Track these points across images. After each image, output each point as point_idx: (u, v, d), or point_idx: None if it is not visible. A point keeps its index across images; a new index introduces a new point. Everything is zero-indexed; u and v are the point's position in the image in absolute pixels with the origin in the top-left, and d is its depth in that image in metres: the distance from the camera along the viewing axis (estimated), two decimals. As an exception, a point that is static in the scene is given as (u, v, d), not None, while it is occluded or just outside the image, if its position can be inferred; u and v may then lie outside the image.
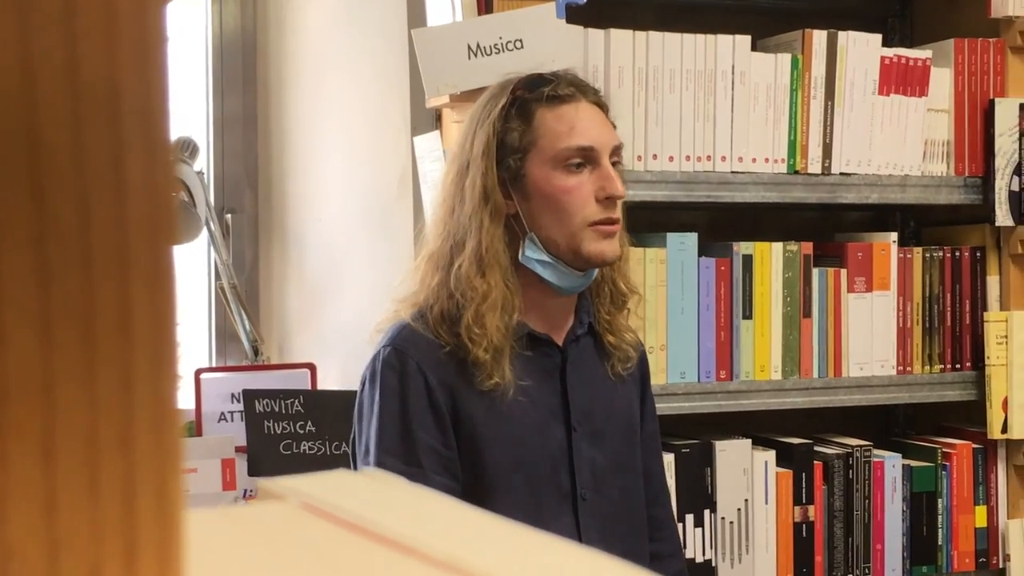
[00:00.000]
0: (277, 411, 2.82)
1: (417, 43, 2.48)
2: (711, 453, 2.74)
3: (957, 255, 2.97)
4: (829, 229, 3.08)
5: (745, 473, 2.77)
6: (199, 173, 3.11)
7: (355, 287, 3.11)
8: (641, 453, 2.17)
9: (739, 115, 2.74)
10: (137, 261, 0.38)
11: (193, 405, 2.95)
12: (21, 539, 0.37)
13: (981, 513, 2.96)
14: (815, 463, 2.83)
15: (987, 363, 2.94)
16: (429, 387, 1.99)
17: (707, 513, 2.74)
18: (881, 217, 3.20)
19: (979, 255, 2.98)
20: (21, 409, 0.37)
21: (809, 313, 2.83)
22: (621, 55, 2.65)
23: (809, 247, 2.84)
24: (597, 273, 2.10)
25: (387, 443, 1.99)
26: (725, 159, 2.73)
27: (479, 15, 2.54)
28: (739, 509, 2.76)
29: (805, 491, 2.82)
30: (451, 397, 2.00)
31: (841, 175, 2.84)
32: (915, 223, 3.19)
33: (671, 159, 2.69)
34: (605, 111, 2.09)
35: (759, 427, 2.90)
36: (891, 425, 3.20)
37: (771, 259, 2.80)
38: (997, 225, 2.94)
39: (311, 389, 2.96)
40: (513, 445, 2.01)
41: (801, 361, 2.82)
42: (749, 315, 2.78)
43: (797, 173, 2.81)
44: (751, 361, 2.78)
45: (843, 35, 2.83)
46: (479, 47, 2.46)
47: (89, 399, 0.38)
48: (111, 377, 0.38)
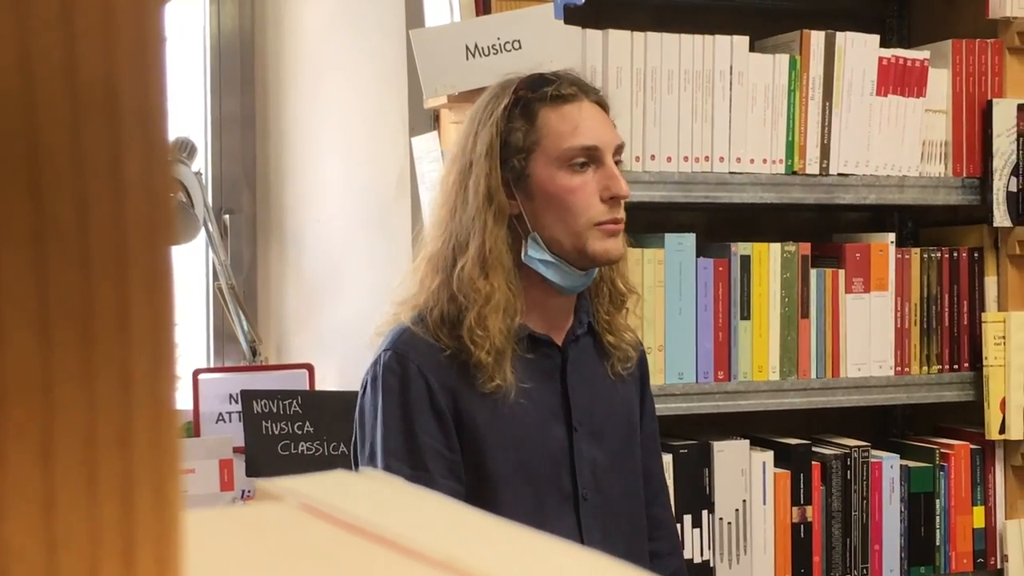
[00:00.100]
0: (275, 412, 2.82)
1: (415, 44, 2.48)
2: (709, 454, 2.75)
3: (955, 256, 2.97)
4: (827, 230, 3.08)
5: (743, 474, 2.77)
6: (197, 173, 3.11)
7: (353, 288, 3.11)
8: (641, 453, 2.17)
9: (737, 116, 2.74)
10: (136, 261, 0.38)
11: (191, 406, 2.95)
12: (20, 538, 0.37)
13: (979, 514, 2.96)
14: (813, 464, 2.84)
15: (985, 364, 2.94)
16: (431, 390, 1.98)
17: (705, 514, 2.74)
18: (879, 218, 3.20)
19: (977, 256, 2.98)
20: (20, 409, 0.37)
21: (807, 314, 2.83)
22: (619, 56, 2.65)
23: (807, 248, 2.84)
24: (596, 273, 2.10)
25: (392, 448, 1.98)
26: (723, 160, 2.74)
27: (477, 16, 2.54)
28: (737, 510, 2.76)
29: (803, 492, 2.82)
30: (453, 400, 1.99)
31: (839, 176, 2.84)
32: (913, 224, 3.19)
33: (669, 160, 2.69)
34: (606, 110, 2.09)
35: (757, 428, 2.90)
36: (889, 426, 3.20)
37: (769, 260, 2.80)
38: (995, 226, 2.94)
39: (309, 390, 2.96)
40: (515, 446, 2.01)
41: (799, 362, 2.82)
42: (747, 316, 2.78)
43: (795, 174, 2.81)
44: (749, 362, 2.78)
45: (841, 36, 2.83)
46: (477, 48, 2.46)
47: (88, 399, 0.38)
48: (110, 377, 0.38)
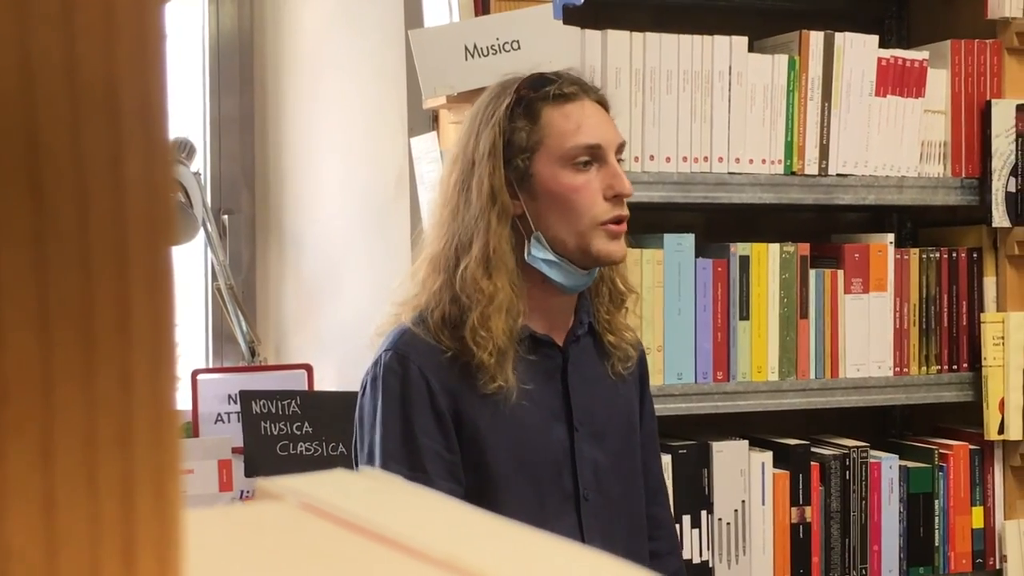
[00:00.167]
0: (274, 412, 2.82)
1: (414, 44, 2.48)
2: (708, 454, 2.74)
3: (954, 256, 2.97)
4: (826, 230, 3.08)
5: (742, 474, 2.77)
6: (196, 174, 3.11)
7: (352, 288, 3.11)
8: (640, 452, 2.16)
9: (736, 116, 2.74)
10: (136, 260, 0.38)
11: (190, 406, 2.95)
12: (20, 538, 0.36)
13: (978, 514, 2.96)
14: (812, 464, 2.84)
15: (984, 364, 2.94)
16: (431, 391, 1.98)
17: (704, 514, 2.74)
18: (878, 218, 3.20)
19: (976, 256, 2.98)
20: (20, 408, 0.37)
21: (806, 314, 2.83)
22: (618, 56, 2.65)
23: (806, 248, 2.84)
24: (596, 272, 2.10)
25: (391, 449, 1.98)
26: (722, 160, 2.74)
27: (476, 16, 2.54)
28: (736, 510, 2.76)
29: (802, 492, 2.82)
30: (453, 401, 1.99)
31: (838, 176, 2.84)
32: (912, 224, 3.19)
33: (668, 160, 2.69)
34: (607, 109, 2.08)
35: (756, 428, 2.90)
36: (888, 426, 3.20)
37: (768, 260, 2.80)
38: (994, 226, 2.94)
39: (308, 390, 2.96)
40: (516, 447, 2.01)
41: (798, 362, 2.82)
42: (746, 316, 2.78)
43: (794, 174, 2.81)
44: (748, 362, 2.78)
45: (840, 36, 2.83)
46: (476, 48, 2.46)
47: (88, 398, 0.38)
48: (110, 376, 0.38)
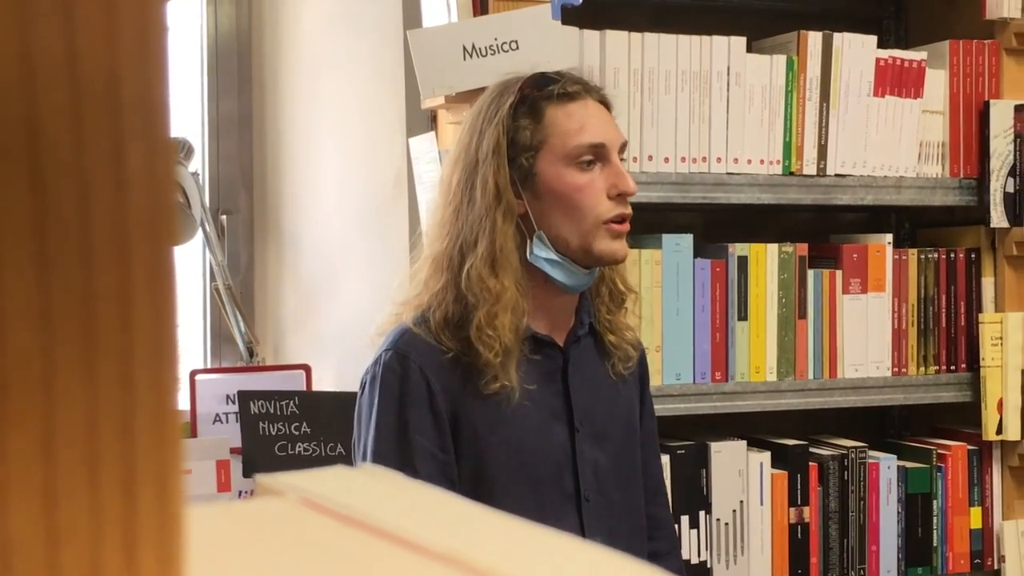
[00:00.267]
0: (272, 412, 2.82)
1: (412, 44, 2.48)
2: (706, 454, 2.74)
3: (952, 256, 2.97)
4: (824, 230, 3.08)
5: (740, 474, 2.77)
6: (194, 174, 3.11)
7: (350, 288, 3.11)
8: (640, 452, 2.16)
9: (734, 116, 2.74)
10: (138, 253, 0.38)
11: (188, 406, 2.95)
12: (21, 532, 0.36)
13: (976, 514, 2.96)
14: (810, 464, 2.84)
15: (982, 364, 2.94)
16: (431, 391, 1.98)
17: (702, 514, 2.74)
18: (876, 218, 3.20)
19: (974, 257, 2.99)
20: (21, 402, 0.37)
21: (804, 314, 2.83)
22: (616, 56, 2.65)
23: (804, 248, 2.84)
24: (596, 272, 2.10)
25: (382, 450, 1.98)
26: (720, 160, 2.74)
27: (475, 16, 2.54)
28: (734, 510, 2.76)
29: (800, 492, 2.82)
30: (452, 403, 1.99)
31: (836, 176, 2.84)
32: (910, 225, 3.19)
33: (666, 160, 2.69)
34: (609, 109, 2.08)
35: (754, 428, 2.90)
36: (886, 426, 3.20)
37: (766, 260, 2.80)
38: (992, 227, 2.95)
39: (306, 390, 2.96)
40: (516, 448, 2.00)
41: (796, 362, 2.82)
42: (744, 316, 2.78)
43: (792, 174, 2.81)
44: (746, 362, 2.78)
45: (838, 36, 2.84)
46: (475, 48, 2.46)
47: (89, 393, 0.37)
48: (111, 370, 0.38)
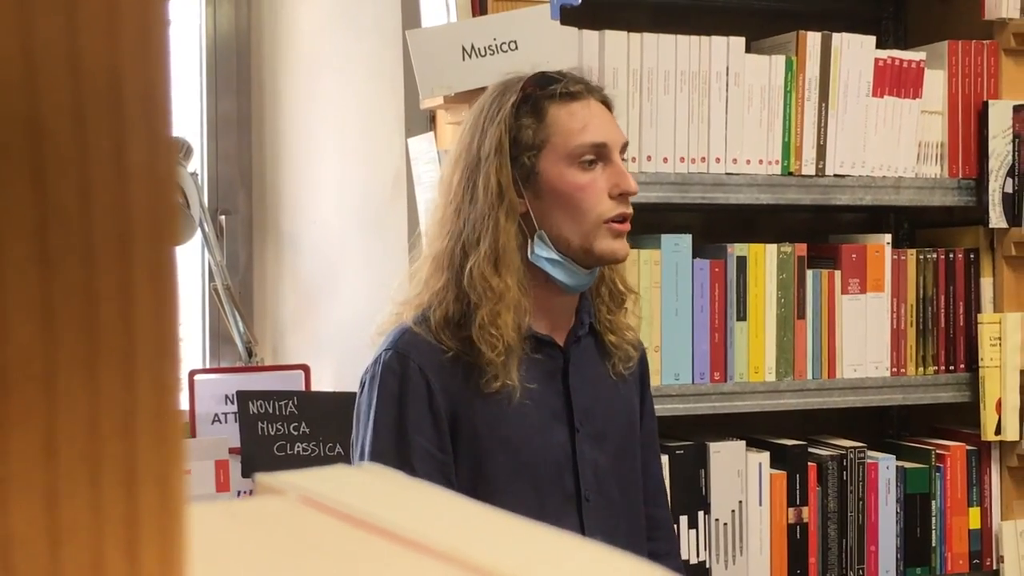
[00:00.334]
0: (271, 412, 2.82)
1: (411, 44, 2.48)
2: (705, 455, 2.75)
3: (951, 257, 2.97)
4: (823, 231, 3.09)
5: (739, 475, 2.77)
6: (193, 174, 3.11)
7: (349, 289, 3.11)
8: (640, 452, 2.16)
9: (733, 117, 2.74)
10: (139, 251, 0.38)
11: (187, 406, 2.95)
12: (23, 530, 0.36)
13: (975, 515, 2.96)
14: (809, 465, 2.84)
15: (981, 365, 2.94)
16: (430, 391, 1.97)
17: (701, 515, 2.74)
18: (875, 219, 3.20)
19: (973, 257, 2.99)
20: (22, 401, 0.37)
21: (803, 314, 2.83)
22: (615, 56, 2.65)
23: (803, 248, 2.84)
24: (597, 272, 2.09)
25: (380, 449, 1.98)
26: (719, 161, 2.74)
27: (473, 16, 2.54)
28: (733, 511, 2.76)
29: (799, 493, 2.82)
30: (451, 403, 1.98)
31: (835, 177, 2.84)
32: (909, 225, 3.19)
33: (665, 160, 2.69)
34: (610, 109, 2.08)
35: (753, 429, 2.90)
36: (885, 427, 3.20)
37: (765, 260, 2.80)
38: (991, 227, 2.95)
39: (305, 390, 2.96)
40: (516, 448, 2.00)
41: (795, 362, 2.82)
42: (743, 316, 2.78)
43: (791, 175, 2.81)
44: (745, 362, 2.78)
45: (837, 37, 2.84)
46: (473, 48, 2.46)
47: (91, 390, 0.37)
48: (113, 368, 0.38)
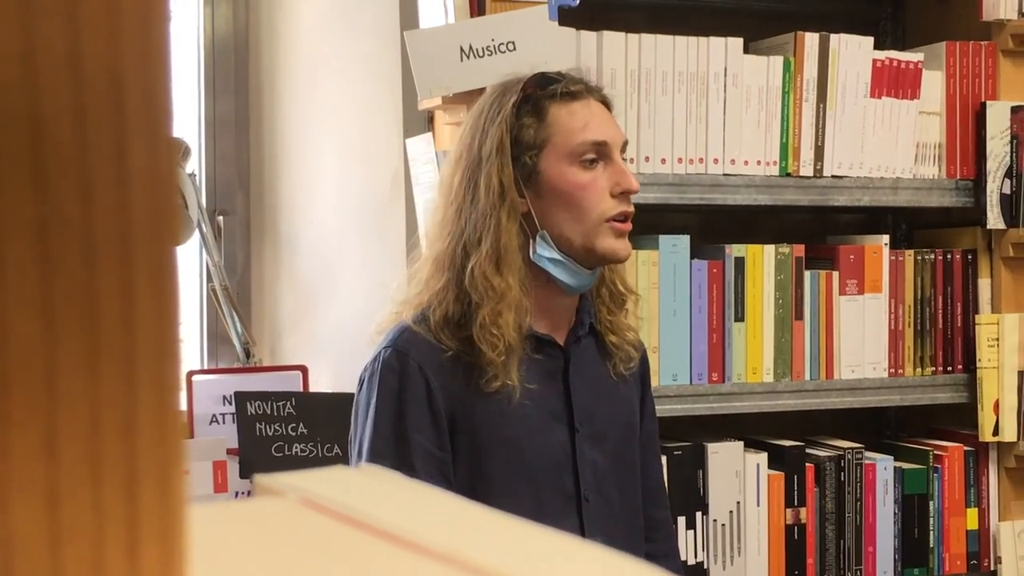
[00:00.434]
0: (269, 413, 2.82)
1: (409, 45, 2.48)
2: (703, 455, 2.75)
3: (949, 258, 2.98)
4: (821, 231, 3.09)
5: (737, 475, 2.77)
6: (191, 175, 3.11)
7: (347, 289, 3.11)
8: (640, 453, 2.16)
9: (731, 117, 2.75)
10: (140, 250, 0.38)
11: (185, 407, 2.95)
12: (23, 531, 0.36)
13: (972, 515, 2.96)
14: (807, 465, 2.84)
15: (978, 365, 2.94)
16: (430, 389, 1.97)
17: (699, 515, 2.74)
18: (873, 219, 3.20)
19: (970, 258, 2.99)
20: (23, 401, 0.37)
21: (801, 315, 2.83)
22: (613, 57, 2.65)
23: (801, 249, 2.85)
24: (598, 273, 2.09)
25: (379, 447, 1.98)
26: (717, 161, 2.74)
27: (471, 17, 2.54)
28: (731, 511, 2.76)
29: (797, 493, 2.82)
30: (451, 402, 1.98)
31: (833, 177, 2.84)
32: (907, 226, 3.19)
33: (663, 161, 2.69)
34: (610, 109, 2.08)
35: (751, 429, 2.90)
36: (883, 427, 3.21)
37: (763, 261, 2.80)
38: (988, 228, 2.95)
39: (303, 391, 2.96)
40: (516, 448, 2.00)
41: (793, 363, 2.82)
42: (741, 317, 2.78)
43: (789, 175, 2.81)
44: (743, 363, 2.78)
45: (835, 38, 2.84)
46: (471, 49, 2.46)
47: (91, 390, 0.37)
48: (113, 368, 0.38)
